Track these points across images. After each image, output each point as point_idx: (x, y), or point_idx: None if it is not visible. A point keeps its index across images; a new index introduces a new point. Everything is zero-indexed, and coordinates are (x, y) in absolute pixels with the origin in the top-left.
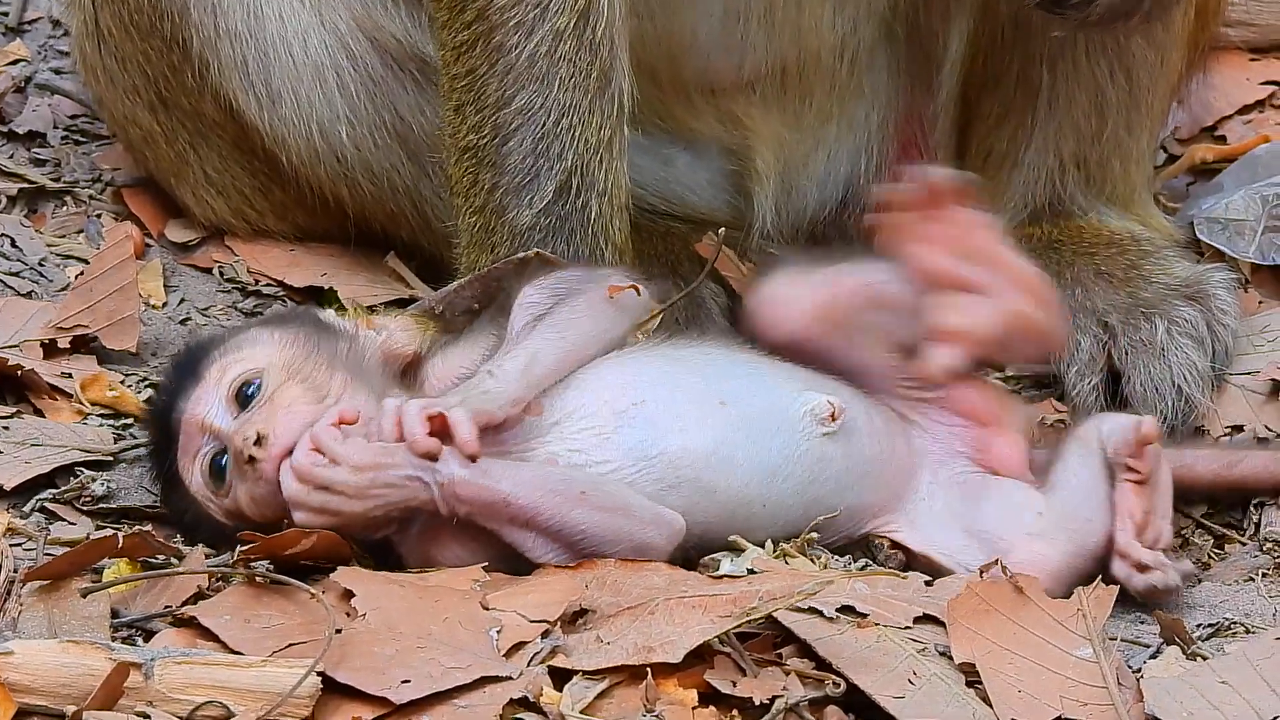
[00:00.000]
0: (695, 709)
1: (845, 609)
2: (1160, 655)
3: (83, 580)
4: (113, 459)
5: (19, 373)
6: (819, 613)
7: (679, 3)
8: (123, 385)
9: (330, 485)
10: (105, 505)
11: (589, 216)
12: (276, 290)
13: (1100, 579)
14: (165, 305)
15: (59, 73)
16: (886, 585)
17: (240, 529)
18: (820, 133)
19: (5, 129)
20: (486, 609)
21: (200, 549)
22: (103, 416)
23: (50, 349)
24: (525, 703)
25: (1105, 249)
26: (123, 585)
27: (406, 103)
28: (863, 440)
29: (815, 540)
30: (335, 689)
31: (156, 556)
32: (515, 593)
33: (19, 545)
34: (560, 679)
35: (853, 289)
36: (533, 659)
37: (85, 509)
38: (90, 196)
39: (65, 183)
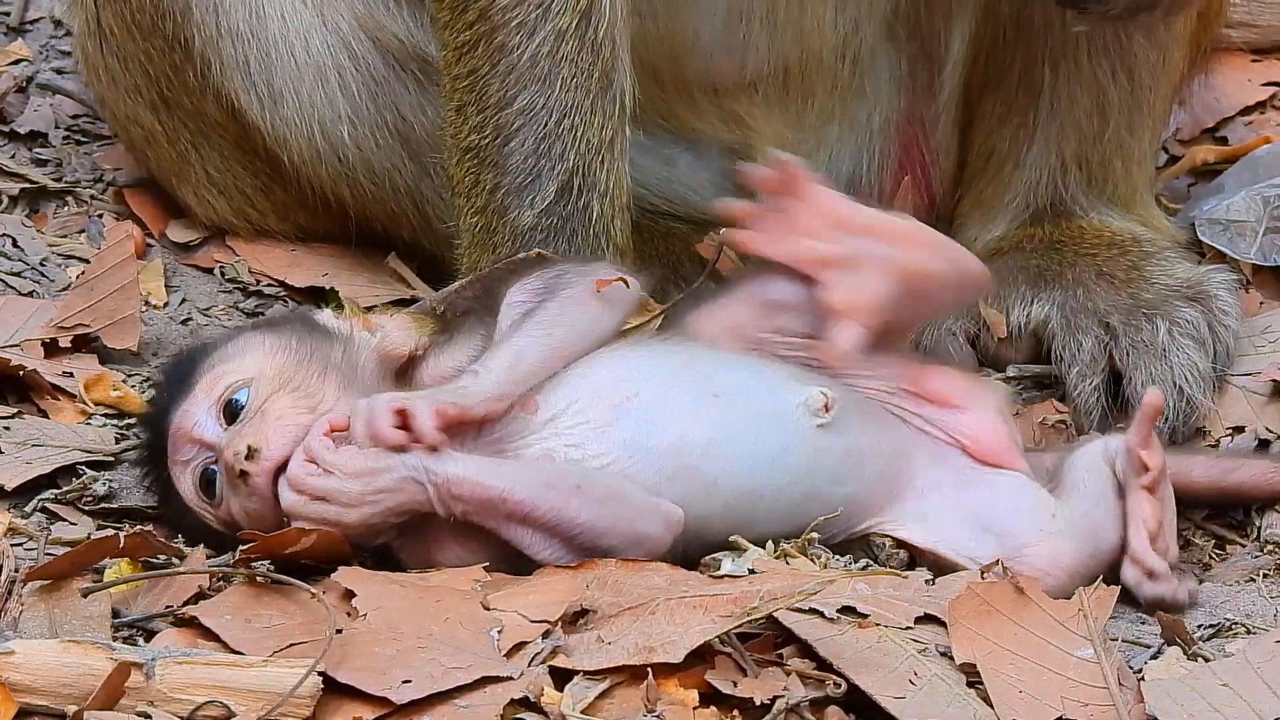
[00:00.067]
0: (696, 709)
1: (846, 609)
2: (1161, 656)
3: (84, 580)
4: (114, 459)
5: (21, 373)
6: (820, 613)
7: (682, 2)
8: (126, 385)
9: (326, 495)
10: (106, 505)
11: (590, 217)
12: (278, 290)
13: (1101, 579)
14: (166, 305)
15: (60, 73)
16: (887, 585)
17: (238, 531)
18: (822, 133)
19: (7, 129)
20: (487, 609)
21: (201, 549)
22: (106, 416)
23: (51, 348)
24: (526, 703)
25: (1107, 250)
26: (124, 585)
27: (408, 102)
28: (855, 432)
29: (816, 540)
30: (336, 689)
31: (157, 556)
32: (516, 593)
33: (20, 545)
34: (561, 679)
35: (752, 304)
36: (533, 659)
37: (86, 509)
38: (91, 196)
39: (67, 183)
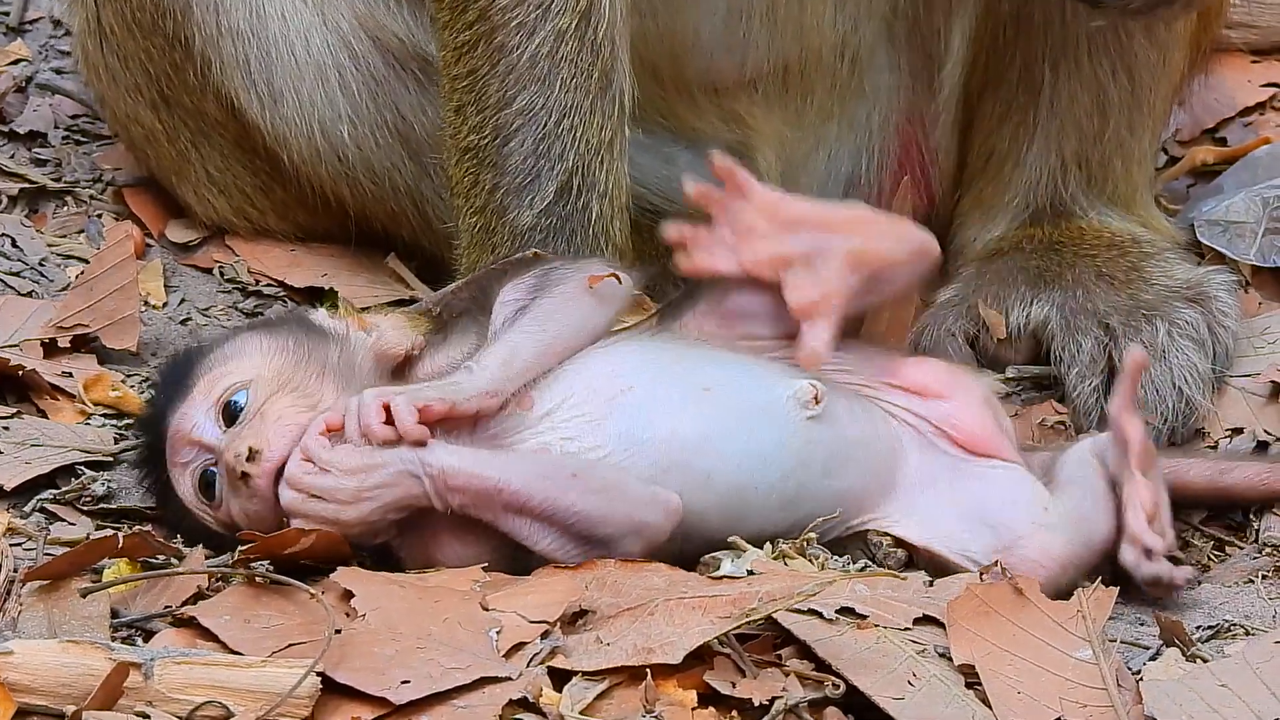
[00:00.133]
0: (695, 710)
1: (845, 610)
2: (1160, 657)
3: (83, 580)
4: (113, 459)
5: (20, 373)
6: (819, 614)
7: (682, 1)
8: (125, 385)
9: (323, 493)
10: (105, 505)
11: (590, 217)
12: (277, 290)
13: (1100, 580)
14: (165, 305)
15: (60, 73)
16: (886, 586)
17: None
18: (821, 132)
19: (6, 129)
20: (486, 609)
21: (200, 549)
22: (105, 416)
23: (50, 348)
24: (525, 703)
25: (1106, 251)
26: (122, 585)
27: (408, 102)
28: (845, 424)
29: (814, 540)
30: (335, 689)
31: (156, 557)
32: (515, 593)
33: (19, 545)
34: (560, 680)
35: (715, 315)
36: (532, 659)
37: (85, 509)
38: (91, 196)
39: (66, 183)
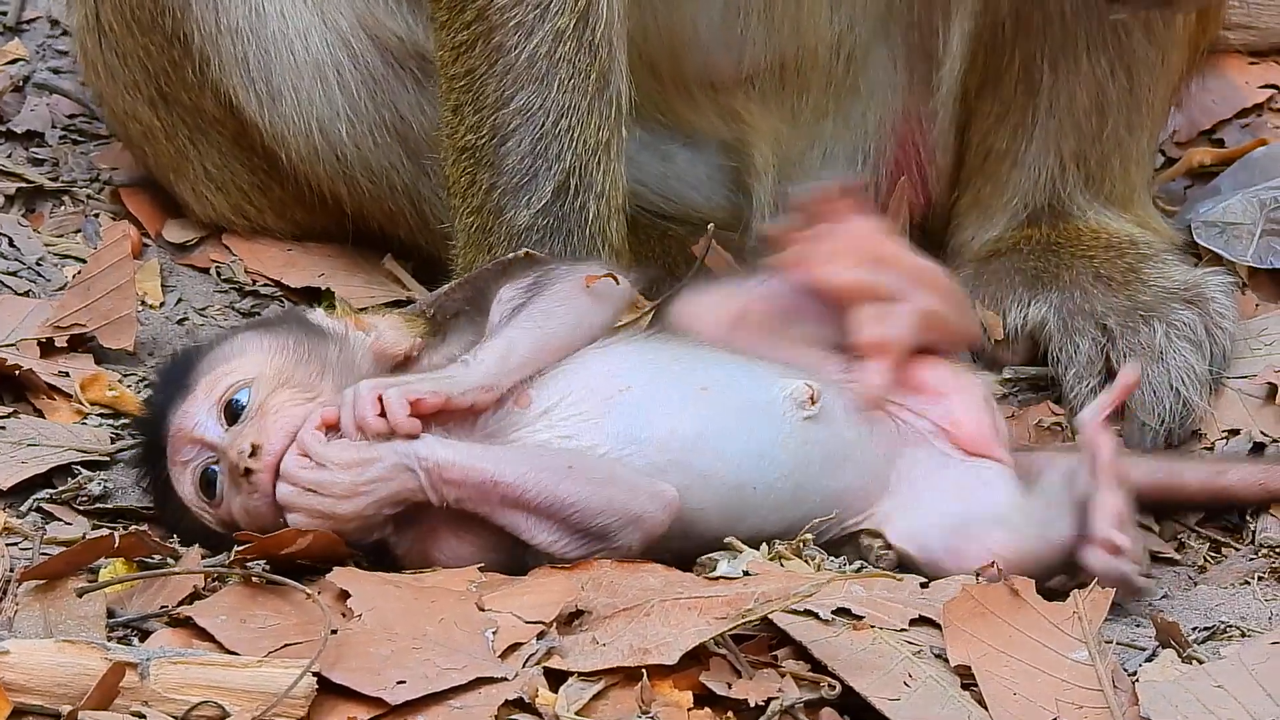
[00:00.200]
0: (690, 710)
1: (841, 611)
2: (1155, 658)
3: (79, 580)
4: (110, 459)
5: (17, 372)
6: (815, 615)
7: None
8: (122, 385)
9: (319, 487)
10: (102, 505)
11: (586, 218)
12: (274, 290)
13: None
14: (163, 305)
15: (57, 72)
16: (882, 587)
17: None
18: (816, 130)
19: (3, 128)
20: (482, 610)
21: (196, 549)
22: (101, 416)
23: (47, 348)
24: (520, 704)
25: (1104, 252)
26: (119, 585)
27: (407, 101)
28: (841, 423)
29: (810, 541)
30: (331, 689)
31: (153, 556)
32: (511, 594)
33: (15, 545)
34: (555, 680)
35: (762, 302)
36: (528, 660)
37: (82, 509)
38: (88, 196)
39: (63, 182)
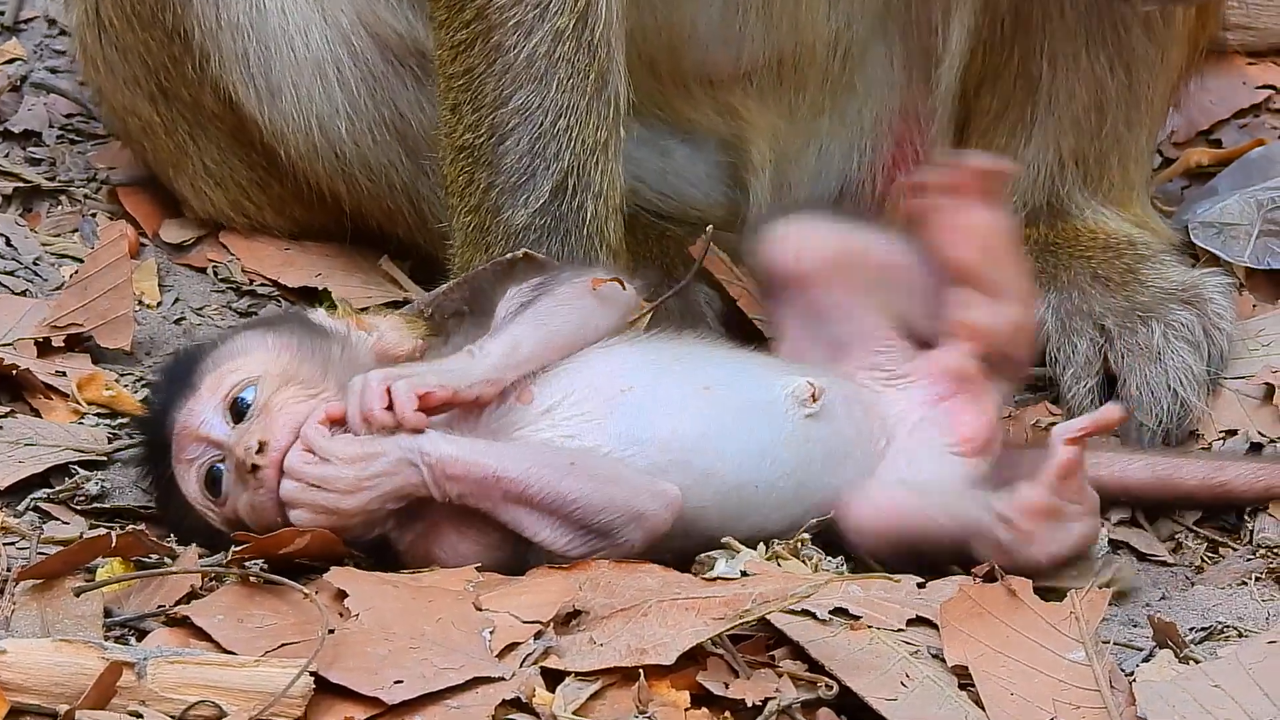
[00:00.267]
0: (688, 710)
1: (838, 611)
2: (1153, 659)
3: (76, 579)
4: (107, 459)
5: (14, 372)
6: (812, 615)
7: None
8: (119, 385)
9: (323, 482)
10: (99, 505)
11: (584, 218)
12: (271, 290)
13: (1093, 582)
14: (160, 304)
15: (55, 72)
16: (879, 588)
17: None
18: (813, 126)
19: (1, 128)
20: (479, 610)
21: (194, 548)
22: (98, 416)
23: (44, 348)
24: (517, 703)
25: (1102, 252)
26: (116, 585)
27: (406, 99)
28: (842, 420)
29: (807, 540)
30: (328, 689)
31: (150, 556)
32: (508, 593)
33: (12, 544)
34: (553, 680)
35: (872, 251)
36: (525, 660)
37: (79, 508)
38: (85, 196)
39: (60, 182)
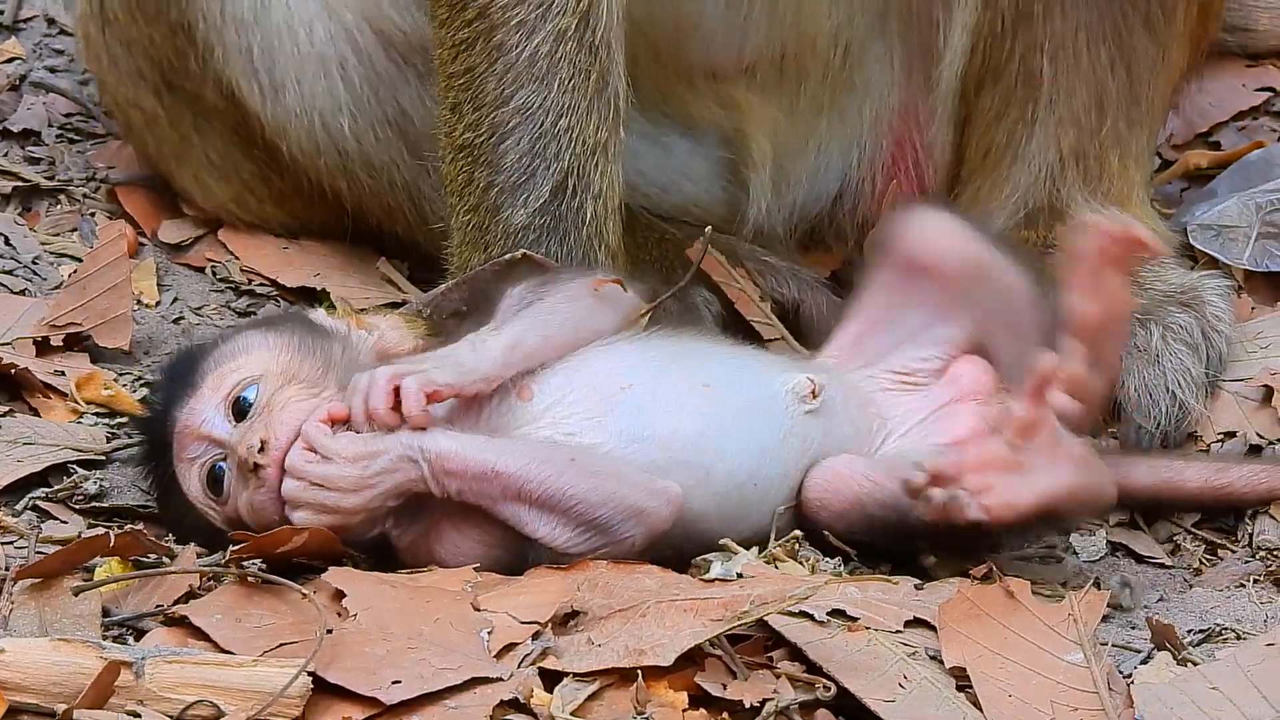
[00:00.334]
0: (685, 711)
1: (836, 612)
2: (1151, 661)
3: (74, 579)
4: (105, 458)
5: (12, 371)
6: (810, 616)
7: None
8: (117, 384)
9: (325, 481)
10: (97, 504)
11: (584, 218)
12: (269, 290)
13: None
14: (158, 304)
15: (54, 71)
16: (877, 589)
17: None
18: (813, 123)
19: (0, 127)
20: (478, 610)
21: (192, 548)
22: (97, 415)
23: (43, 347)
24: (515, 704)
25: None
26: (114, 584)
27: (409, 96)
28: (840, 418)
29: (805, 541)
30: (326, 689)
31: (148, 555)
32: (506, 594)
33: (10, 543)
34: (551, 680)
35: (999, 270)
36: (523, 660)
37: (77, 508)
38: (84, 195)
39: (59, 181)
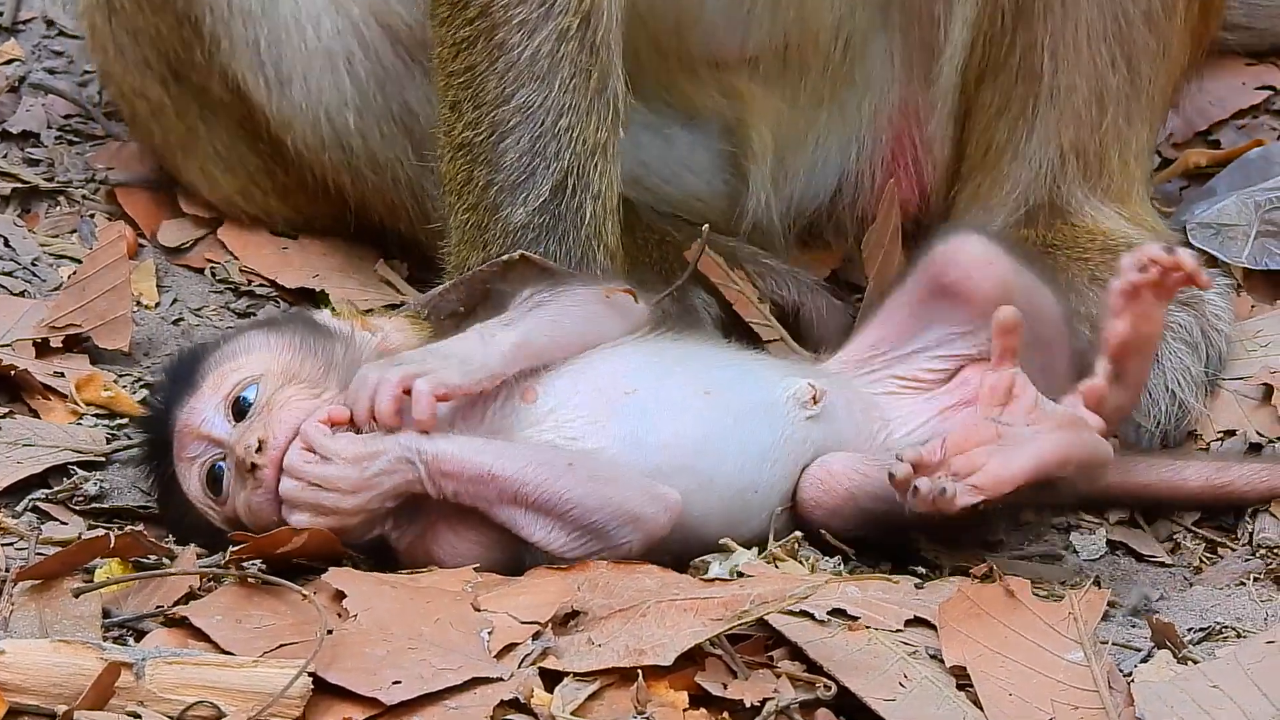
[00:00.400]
0: (686, 711)
1: (836, 612)
2: (1151, 659)
3: (74, 580)
4: (105, 459)
5: (12, 372)
6: (810, 615)
7: None
8: (117, 385)
9: (324, 482)
10: (97, 505)
11: (583, 218)
12: (269, 291)
13: (1093, 582)
14: (158, 305)
15: (53, 72)
16: (877, 588)
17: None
18: (813, 116)
19: None
20: (478, 610)
21: (192, 549)
22: (97, 416)
23: (43, 348)
24: (516, 704)
25: (1100, 254)
26: (114, 585)
27: (415, 93)
28: (842, 423)
29: (805, 541)
30: (326, 689)
31: (148, 556)
32: (506, 594)
33: (11, 545)
34: (551, 680)
35: (1034, 298)
36: (524, 660)
37: (77, 509)
38: (84, 196)
39: (59, 182)
